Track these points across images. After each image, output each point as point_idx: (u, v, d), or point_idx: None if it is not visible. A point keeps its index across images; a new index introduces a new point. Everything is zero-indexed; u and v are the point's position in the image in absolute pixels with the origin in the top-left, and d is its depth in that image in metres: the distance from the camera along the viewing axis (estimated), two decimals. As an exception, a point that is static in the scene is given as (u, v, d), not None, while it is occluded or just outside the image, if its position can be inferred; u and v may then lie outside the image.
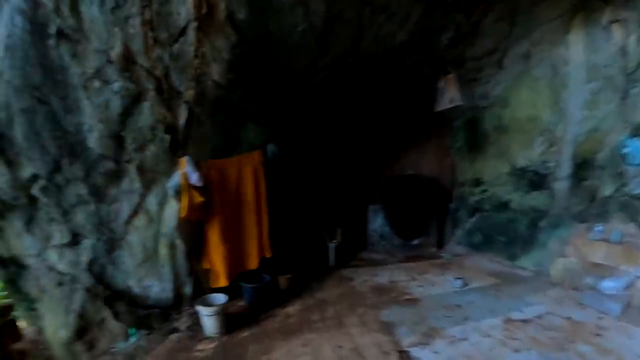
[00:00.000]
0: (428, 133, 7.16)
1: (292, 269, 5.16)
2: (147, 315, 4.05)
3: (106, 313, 3.85)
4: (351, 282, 5.32)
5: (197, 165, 4.02)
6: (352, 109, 6.16)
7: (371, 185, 7.24)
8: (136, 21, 3.36)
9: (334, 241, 6.15)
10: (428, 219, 7.27)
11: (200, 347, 3.65)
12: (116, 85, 3.59)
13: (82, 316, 3.79)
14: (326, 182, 6.70)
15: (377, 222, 7.30)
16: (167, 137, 3.88)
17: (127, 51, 3.51)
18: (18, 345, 5.67)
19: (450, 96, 5.52)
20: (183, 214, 3.98)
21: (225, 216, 4.33)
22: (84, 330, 3.81)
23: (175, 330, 3.99)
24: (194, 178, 3.94)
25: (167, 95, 3.80)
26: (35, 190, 3.69)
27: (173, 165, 3.99)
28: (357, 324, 3.97)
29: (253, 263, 4.67)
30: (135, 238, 4.08)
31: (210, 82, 3.81)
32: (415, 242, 7.31)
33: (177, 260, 4.19)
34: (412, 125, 6.98)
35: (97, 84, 3.55)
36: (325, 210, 6.66)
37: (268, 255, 4.74)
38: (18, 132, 3.49)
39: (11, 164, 3.58)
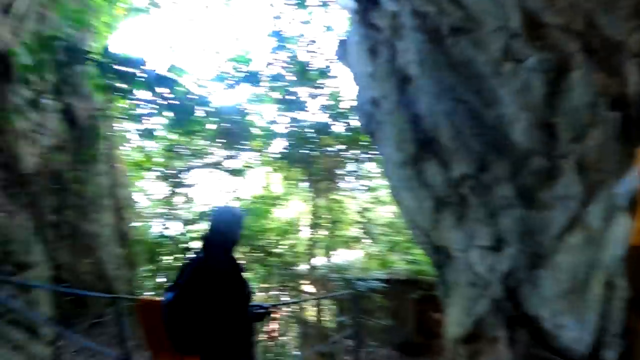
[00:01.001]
0: None
1: None
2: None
3: (502, 334, 3.22)
4: None
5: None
6: None
7: None
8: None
9: None
10: None
11: None
12: (530, 61, 3.04)
13: (478, 324, 3.45)
14: None
15: None
16: (616, 115, 2.69)
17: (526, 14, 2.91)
18: (436, 315, 6.14)
19: None
20: (635, 239, 2.49)
21: None
22: (473, 337, 3.49)
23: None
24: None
25: (603, 53, 2.69)
26: (464, 189, 3.85)
27: (628, 159, 2.64)
28: None
29: None
30: (565, 259, 3.09)
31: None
32: None
33: (612, 306, 2.64)
34: None
35: (507, 66, 3.21)
36: None
37: None
38: (444, 135, 3.87)
39: (443, 165, 4.00)
